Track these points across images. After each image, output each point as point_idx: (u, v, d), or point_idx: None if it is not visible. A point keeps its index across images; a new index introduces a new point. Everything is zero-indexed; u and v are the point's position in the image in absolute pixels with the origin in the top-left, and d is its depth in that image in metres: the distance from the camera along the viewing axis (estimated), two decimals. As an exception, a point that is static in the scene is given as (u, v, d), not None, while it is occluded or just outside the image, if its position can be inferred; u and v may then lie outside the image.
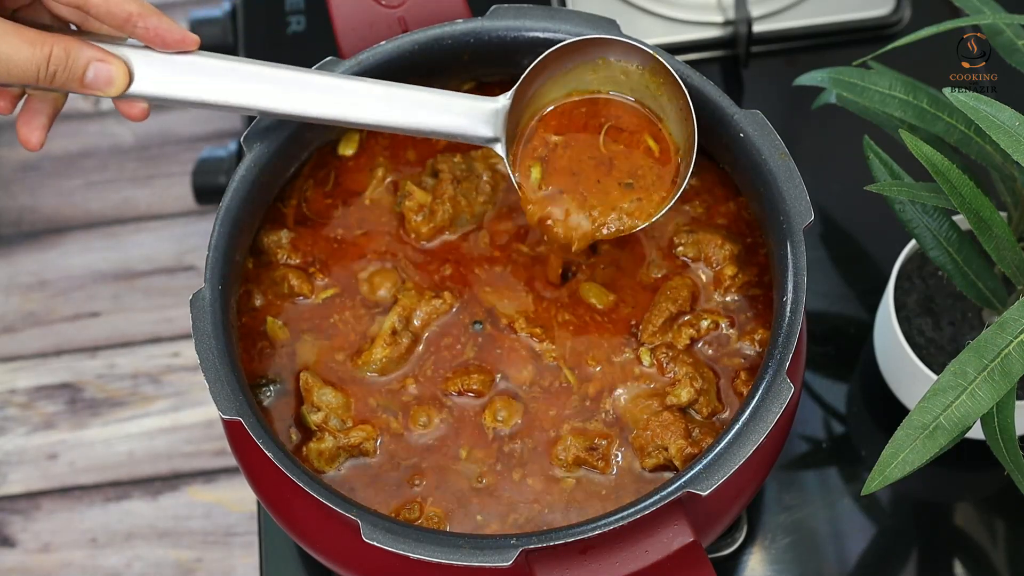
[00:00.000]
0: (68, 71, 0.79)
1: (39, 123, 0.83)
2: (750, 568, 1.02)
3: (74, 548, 1.59)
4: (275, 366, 0.91)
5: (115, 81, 0.81)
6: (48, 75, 0.79)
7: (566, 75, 0.90)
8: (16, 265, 1.78)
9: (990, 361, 0.74)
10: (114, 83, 0.81)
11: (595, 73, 0.90)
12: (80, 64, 0.80)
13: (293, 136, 0.92)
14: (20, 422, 1.66)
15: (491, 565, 0.76)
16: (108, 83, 0.81)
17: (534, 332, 0.91)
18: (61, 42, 0.79)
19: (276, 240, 0.94)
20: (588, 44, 0.88)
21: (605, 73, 0.90)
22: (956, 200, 0.82)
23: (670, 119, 0.90)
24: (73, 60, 0.79)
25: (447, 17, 0.95)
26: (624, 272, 0.93)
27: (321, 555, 0.86)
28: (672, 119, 0.90)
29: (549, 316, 0.92)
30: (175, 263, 1.77)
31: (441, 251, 0.95)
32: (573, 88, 0.91)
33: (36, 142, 0.84)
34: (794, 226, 0.84)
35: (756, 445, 0.78)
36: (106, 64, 0.81)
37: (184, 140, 1.85)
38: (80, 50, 0.80)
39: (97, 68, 0.80)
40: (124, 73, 0.82)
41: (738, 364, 0.90)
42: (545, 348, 0.90)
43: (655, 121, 0.91)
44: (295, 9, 1.27)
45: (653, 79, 0.89)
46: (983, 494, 1.05)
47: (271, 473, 0.83)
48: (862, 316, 1.11)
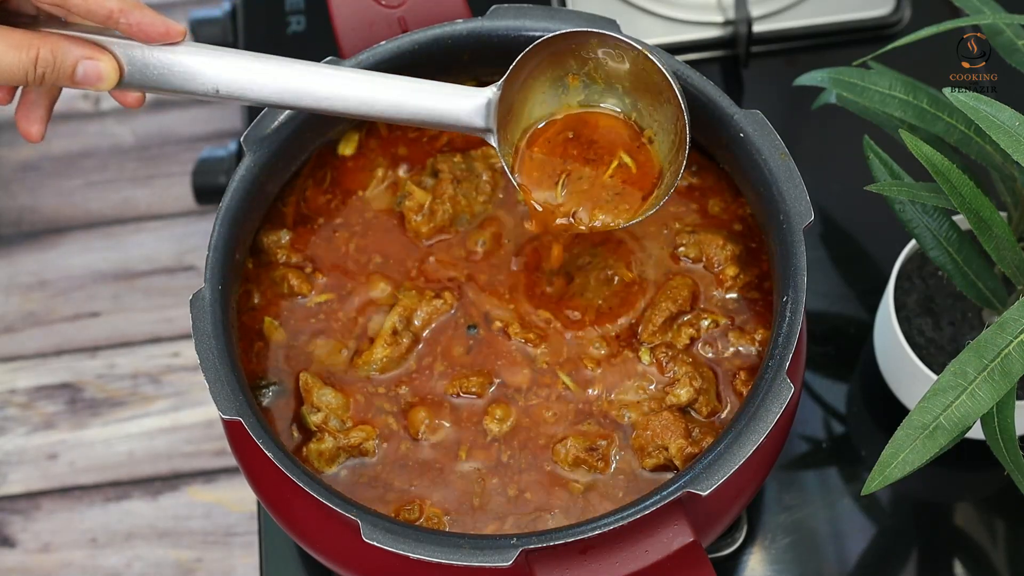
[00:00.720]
0: (57, 71, 0.79)
1: (37, 115, 0.84)
2: (750, 568, 1.02)
3: (74, 548, 1.59)
4: (274, 366, 0.91)
5: (105, 77, 0.81)
6: (37, 77, 0.79)
7: (554, 66, 0.89)
8: (16, 265, 1.78)
9: (990, 361, 0.74)
10: (104, 79, 0.81)
11: (583, 65, 0.89)
12: (68, 64, 0.80)
13: (293, 136, 0.92)
14: (20, 422, 1.66)
15: (491, 565, 0.76)
16: (98, 79, 0.81)
17: (528, 337, 0.91)
18: (48, 43, 0.79)
19: (276, 240, 0.94)
20: (576, 36, 0.87)
21: (594, 65, 0.89)
22: (956, 200, 0.82)
23: (658, 122, 0.89)
24: (61, 61, 0.79)
25: (447, 17, 0.95)
26: (624, 272, 0.93)
27: (321, 555, 0.86)
28: (661, 119, 0.89)
29: (547, 317, 0.92)
30: (175, 263, 1.77)
31: (441, 251, 0.95)
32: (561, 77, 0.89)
33: (37, 134, 0.84)
34: (794, 226, 0.84)
35: (756, 445, 0.78)
36: (95, 61, 0.81)
37: (184, 140, 1.85)
38: (67, 50, 0.80)
39: (86, 66, 0.80)
40: (114, 68, 0.81)
41: (738, 364, 0.90)
42: (539, 353, 0.90)
43: (637, 135, 0.90)
44: (295, 9, 1.27)
45: (642, 74, 0.88)
46: (983, 494, 1.05)
47: (271, 473, 0.83)
48: (862, 316, 1.11)
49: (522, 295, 0.93)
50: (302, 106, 0.85)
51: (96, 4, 0.78)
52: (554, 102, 0.90)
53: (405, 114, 0.86)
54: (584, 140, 0.90)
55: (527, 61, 0.87)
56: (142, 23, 0.80)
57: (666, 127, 0.88)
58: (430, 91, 0.86)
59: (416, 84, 0.86)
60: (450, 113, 0.86)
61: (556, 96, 0.90)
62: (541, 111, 0.90)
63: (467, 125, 0.87)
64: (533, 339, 0.91)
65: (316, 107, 0.85)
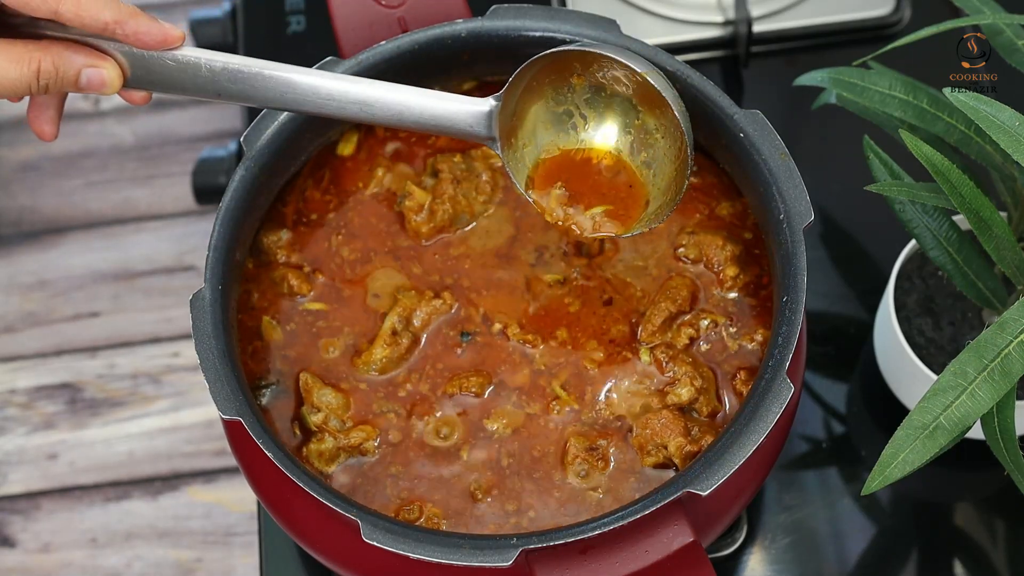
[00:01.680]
0: (60, 81, 0.80)
1: (48, 116, 0.84)
2: (750, 568, 1.02)
3: (74, 548, 1.59)
4: (274, 366, 0.91)
5: (108, 83, 0.81)
6: (40, 88, 0.79)
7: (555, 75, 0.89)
8: (16, 265, 1.78)
9: (990, 361, 0.74)
10: (107, 85, 0.81)
11: (584, 75, 0.89)
12: (71, 74, 0.80)
13: (293, 136, 0.92)
14: (20, 422, 1.66)
15: (491, 565, 0.76)
16: (102, 85, 0.81)
17: (527, 338, 0.91)
18: (49, 54, 0.79)
19: (276, 240, 0.94)
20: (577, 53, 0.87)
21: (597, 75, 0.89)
22: (956, 200, 0.82)
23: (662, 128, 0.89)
24: (64, 71, 0.80)
25: (447, 17, 0.95)
26: (624, 272, 0.93)
27: (321, 555, 0.86)
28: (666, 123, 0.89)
29: (546, 318, 0.92)
30: (175, 263, 1.77)
31: (441, 251, 0.95)
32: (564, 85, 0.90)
33: (50, 133, 0.84)
34: (794, 226, 0.84)
35: (756, 445, 0.78)
36: (97, 69, 0.81)
37: (184, 140, 1.85)
38: (70, 60, 0.80)
39: (89, 74, 0.81)
40: (117, 74, 0.82)
41: (738, 364, 0.90)
42: (539, 353, 0.90)
43: (627, 164, 0.91)
44: (295, 9, 1.27)
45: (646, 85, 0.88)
46: (983, 494, 1.05)
47: (271, 473, 0.83)
48: (862, 316, 1.11)
49: (522, 295, 0.93)
50: (303, 110, 0.85)
51: (90, 17, 0.78)
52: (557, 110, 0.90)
53: (408, 120, 0.86)
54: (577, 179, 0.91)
55: (528, 70, 0.87)
56: (139, 32, 0.80)
57: (670, 133, 0.88)
58: (433, 98, 0.86)
59: (419, 91, 0.86)
60: (453, 120, 0.86)
61: (559, 100, 0.90)
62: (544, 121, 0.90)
63: (469, 133, 0.87)
64: (532, 340, 0.91)
65: (317, 111, 0.85)
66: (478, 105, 0.86)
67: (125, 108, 1.87)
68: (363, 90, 0.85)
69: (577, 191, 0.90)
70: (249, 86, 0.84)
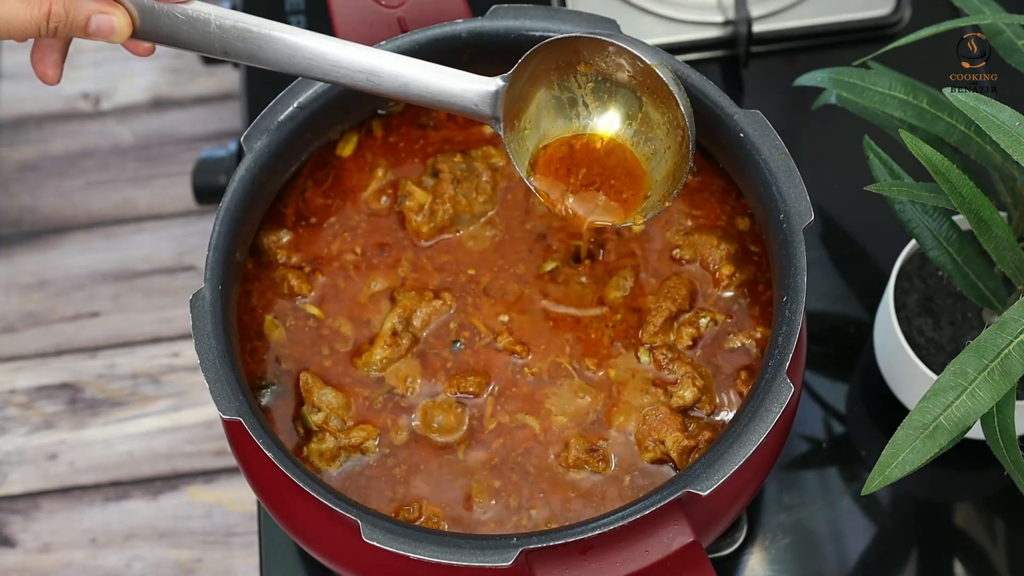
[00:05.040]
0: (69, 25, 0.80)
1: (52, 59, 0.84)
2: (750, 568, 1.02)
3: (74, 548, 1.59)
4: (274, 366, 0.91)
5: (117, 30, 0.81)
6: (49, 31, 0.79)
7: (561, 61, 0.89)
8: (16, 265, 1.78)
9: (990, 361, 0.74)
10: (116, 32, 0.81)
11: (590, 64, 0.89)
12: (80, 19, 0.80)
13: (293, 136, 0.92)
14: (20, 422, 1.66)
15: (491, 565, 0.76)
16: (111, 32, 0.81)
17: (527, 339, 0.91)
18: None
19: (276, 240, 0.94)
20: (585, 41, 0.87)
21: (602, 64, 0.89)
22: (956, 200, 0.82)
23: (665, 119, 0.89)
24: (73, 15, 0.80)
25: (447, 17, 0.95)
26: (623, 274, 0.93)
27: (321, 555, 0.86)
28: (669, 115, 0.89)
29: (546, 319, 0.92)
30: (175, 263, 1.77)
31: (441, 251, 0.95)
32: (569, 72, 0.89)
33: (53, 76, 0.84)
34: (794, 226, 0.84)
35: (756, 445, 0.78)
36: (107, 16, 0.81)
37: (184, 140, 1.85)
38: (80, 4, 0.80)
39: (99, 20, 0.81)
40: (126, 23, 0.82)
41: (738, 364, 0.90)
42: (540, 353, 0.90)
43: (629, 154, 0.91)
44: (295, 9, 1.27)
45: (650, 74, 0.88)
46: (983, 494, 1.05)
47: (271, 473, 0.83)
48: (862, 316, 1.11)
49: (522, 296, 0.93)
50: (310, 75, 0.85)
51: None
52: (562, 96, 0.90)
53: (413, 93, 0.86)
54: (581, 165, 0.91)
55: (536, 54, 0.87)
56: None
57: (673, 126, 0.88)
58: (440, 72, 0.86)
59: (427, 65, 0.86)
60: (459, 97, 0.86)
61: (564, 87, 0.90)
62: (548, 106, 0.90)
63: (474, 111, 0.87)
64: (532, 340, 0.91)
65: (323, 77, 0.85)
66: (485, 84, 0.86)
67: (125, 108, 1.87)
68: (372, 60, 0.85)
69: (578, 179, 0.90)
70: (257, 46, 0.84)
